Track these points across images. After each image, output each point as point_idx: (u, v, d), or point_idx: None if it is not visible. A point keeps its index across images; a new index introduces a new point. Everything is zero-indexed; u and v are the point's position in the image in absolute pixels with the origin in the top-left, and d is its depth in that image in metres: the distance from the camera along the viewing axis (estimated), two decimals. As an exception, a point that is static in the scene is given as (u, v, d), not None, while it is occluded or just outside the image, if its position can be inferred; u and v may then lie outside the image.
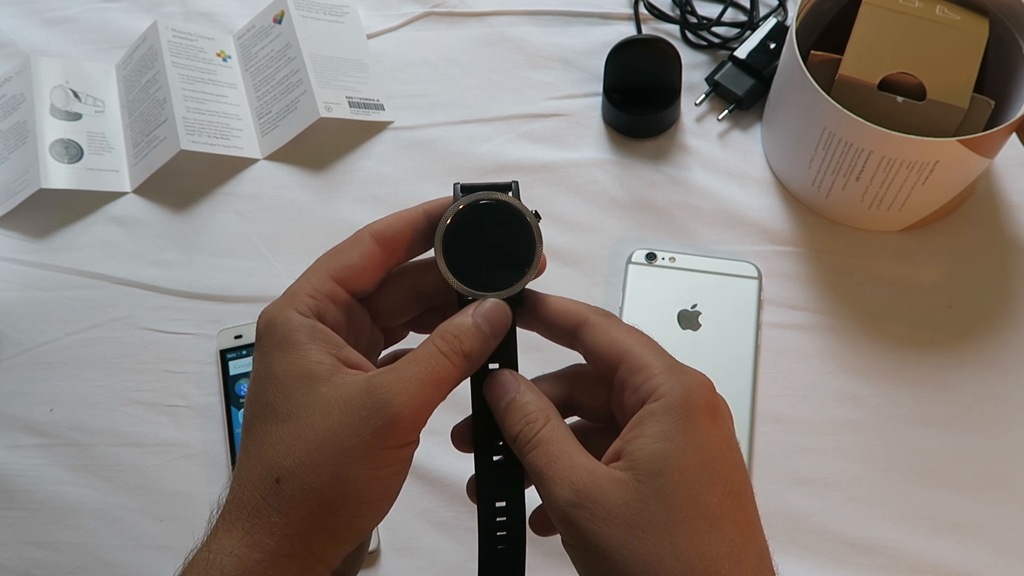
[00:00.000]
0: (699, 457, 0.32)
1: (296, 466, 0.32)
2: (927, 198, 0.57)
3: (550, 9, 0.71)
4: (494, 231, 0.36)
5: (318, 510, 0.31)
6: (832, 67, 0.56)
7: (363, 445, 0.32)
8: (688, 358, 0.58)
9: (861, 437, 0.54)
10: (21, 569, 0.53)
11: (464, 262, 0.35)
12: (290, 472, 0.32)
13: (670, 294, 0.58)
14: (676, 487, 0.31)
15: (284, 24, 0.69)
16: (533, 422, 0.34)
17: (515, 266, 0.36)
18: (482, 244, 0.35)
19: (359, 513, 0.32)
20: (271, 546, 0.31)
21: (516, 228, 0.36)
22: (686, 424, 0.32)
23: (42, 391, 0.58)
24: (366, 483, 0.32)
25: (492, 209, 0.36)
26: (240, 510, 0.32)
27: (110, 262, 0.62)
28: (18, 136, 0.65)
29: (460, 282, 0.35)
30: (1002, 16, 0.57)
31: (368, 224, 0.37)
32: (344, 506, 0.32)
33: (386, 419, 0.32)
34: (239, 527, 0.32)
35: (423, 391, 0.33)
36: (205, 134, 0.65)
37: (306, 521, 0.31)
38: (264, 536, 0.31)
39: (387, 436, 0.32)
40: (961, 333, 0.57)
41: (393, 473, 0.33)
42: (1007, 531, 0.51)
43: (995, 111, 0.56)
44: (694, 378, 0.34)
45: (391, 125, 0.67)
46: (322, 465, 0.31)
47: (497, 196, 0.35)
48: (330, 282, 0.35)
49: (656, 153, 0.64)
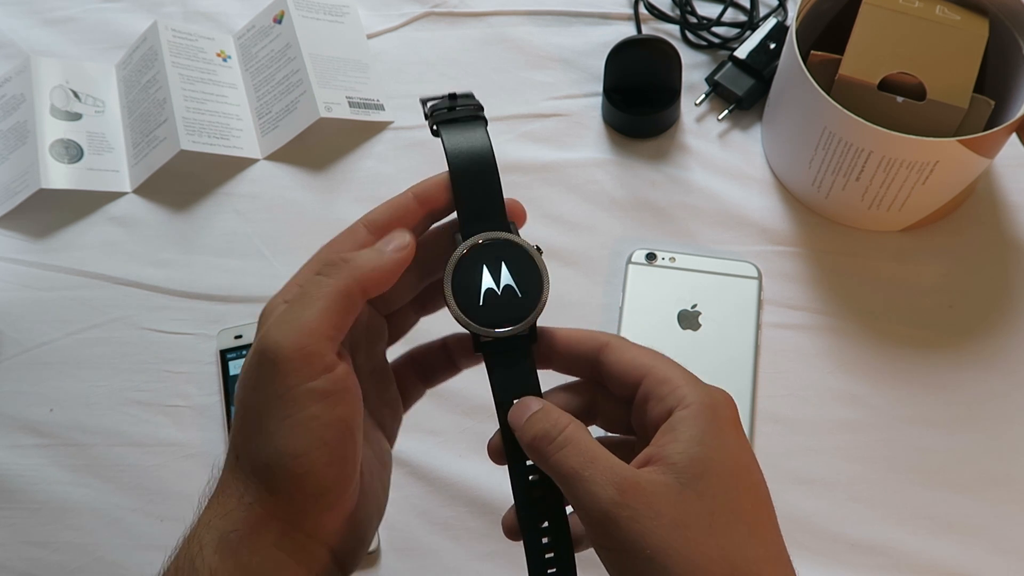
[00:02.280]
0: (733, 463, 0.32)
1: (243, 441, 0.32)
2: (927, 198, 0.57)
3: (550, 9, 0.71)
4: (501, 269, 0.36)
5: (264, 474, 0.32)
6: (832, 67, 0.56)
7: (267, 399, 0.31)
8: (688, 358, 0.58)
9: (861, 437, 0.54)
10: (21, 569, 0.53)
11: (474, 301, 0.36)
12: (242, 448, 0.33)
13: (670, 294, 0.58)
14: (717, 490, 0.31)
15: (284, 24, 0.69)
16: (556, 422, 0.33)
17: (524, 302, 0.36)
18: (490, 283, 0.36)
19: (301, 469, 0.31)
20: (241, 518, 0.32)
21: (522, 265, 0.36)
22: (718, 430, 0.33)
23: (42, 391, 0.58)
24: (289, 436, 0.31)
25: (498, 248, 0.36)
26: (220, 484, 0.33)
27: (110, 262, 0.62)
28: (18, 136, 0.65)
29: (471, 321, 0.35)
30: (1002, 16, 0.57)
31: (361, 216, 0.37)
32: (282, 466, 0.31)
33: (269, 361, 0.31)
34: (216, 502, 0.33)
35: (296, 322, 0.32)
36: (205, 134, 0.65)
37: (260, 485, 0.32)
38: (235, 508, 0.32)
39: (281, 379, 0.31)
40: (961, 333, 0.57)
41: (314, 416, 0.31)
42: (1007, 531, 0.51)
43: (995, 111, 0.56)
44: (718, 390, 0.35)
45: (391, 125, 0.67)
46: (253, 434, 0.32)
47: (502, 236, 0.36)
48: (349, 315, 0.34)
49: (656, 153, 0.64)
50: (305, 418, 0.31)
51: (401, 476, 0.54)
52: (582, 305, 0.59)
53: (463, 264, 0.36)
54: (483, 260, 0.36)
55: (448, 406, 0.56)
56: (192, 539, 0.32)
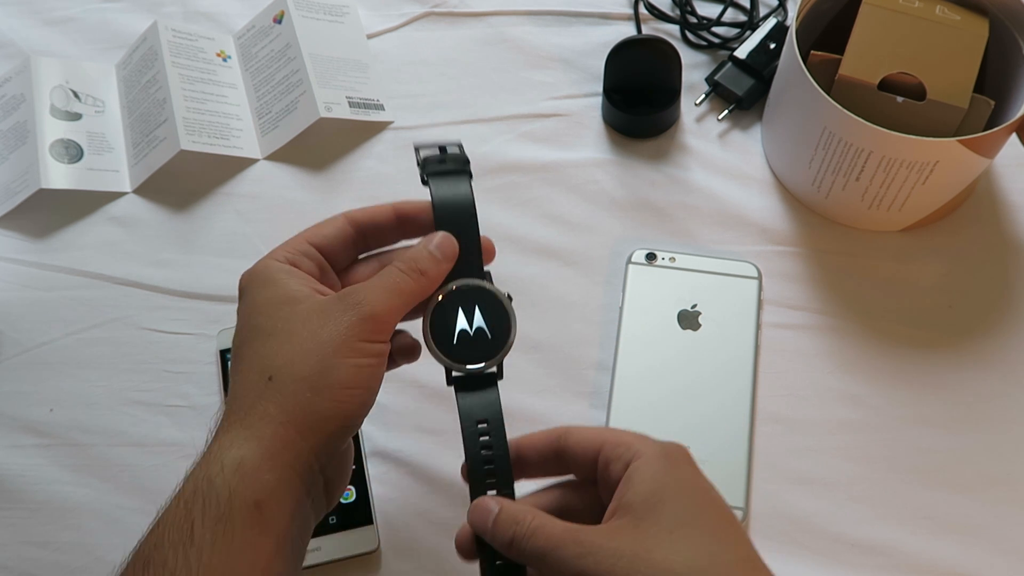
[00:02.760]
0: (689, 487, 0.36)
1: (285, 363, 0.37)
2: (927, 198, 0.57)
3: (550, 9, 0.71)
4: (474, 314, 0.41)
5: (307, 394, 0.36)
6: (832, 67, 0.56)
7: (341, 337, 0.37)
8: (688, 358, 0.58)
9: (861, 437, 0.54)
10: (21, 569, 0.53)
11: (449, 340, 0.41)
12: (280, 369, 0.37)
13: (670, 294, 0.58)
14: (674, 512, 0.35)
15: (284, 24, 0.69)
16: (521, 520, 0.36)
17: (493, 343, 0.41)
18: (464, 324, 0.41)
19: (343, 398, 0.37)
20: (267, 433, 0.36)
21: (494, 310, 0.41)
22: (671, 467, 0.36)
23: (42, 391, 0.58)
24: (347, 371, 0.37)
25: (473, 294, 0.41)
26: (236, 412, 0.37)
27: (110, 262, 0.62)
28: (18, 136, 0.65)
29: (445, 356, 0.41)
30: (1002, 16, 0.57)
31: (344, 211, 0.44)
32: (329, 390, 0.37)
33: (359, 315, 0.38)
34: (236, 426, 0.37)
35: (389, 296, 0.39)
36: (205, 134, 0.65)
37: (298, 405, 0.36)
38: (260, 426, 0.36)
39: (361, 329, 0.38)
40: (961, 333, 0.57)
41: (369, 365, 0.38)
42: (1007, 531, 0.51)
43: (995, 111, 0.56)
44: (671, 443, 0.38)
45: (391, 125, 0.67)
46: (309, 357, 0.37)
47: (477, 283, 0.41)
48: (304, 243, 0.42)
49: (656, 153, 0.64)
50: (363, 364, 0.38)
51: (401, 476, 0.54)
52: (582, 305, 0.59)
53: (441, 306, 0.41)
54: (459, 303, 0.41)
55: (448, 406, 0.56)
56: (209, 460, 0.36)
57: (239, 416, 0.37)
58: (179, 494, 0.36)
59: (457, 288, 0.41)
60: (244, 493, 0.35)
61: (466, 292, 0.41)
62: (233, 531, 0.34)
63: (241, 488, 0.35)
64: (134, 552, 0.36)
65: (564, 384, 0.56)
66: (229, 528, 0.34)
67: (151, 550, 0.35)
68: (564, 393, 0.56)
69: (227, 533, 0.34)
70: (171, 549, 0.34)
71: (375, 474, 0.54)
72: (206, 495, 0.35)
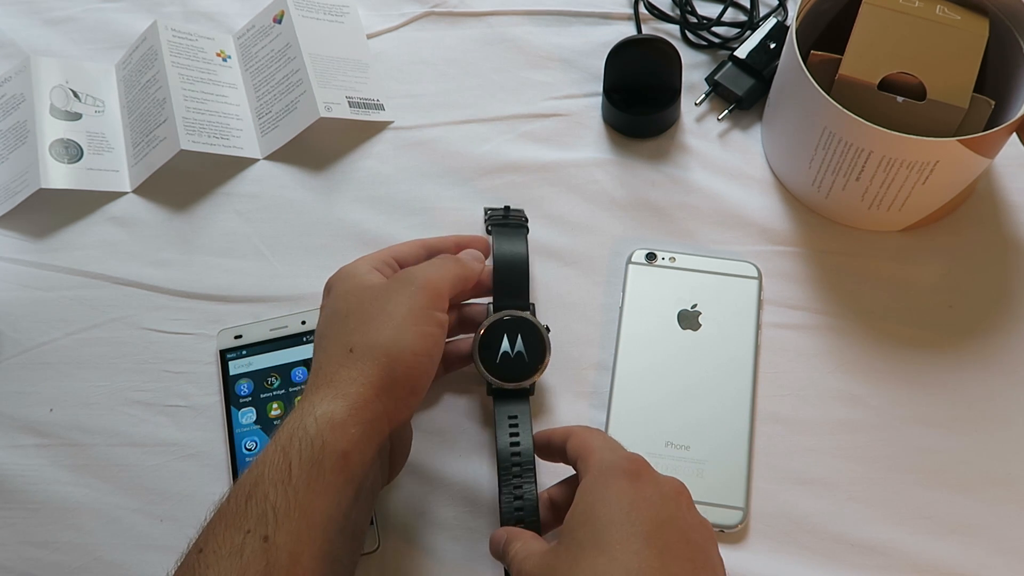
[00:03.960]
0: (606, 508, 0.38)
1: (363, 336, 0.43)
2: (927, 198, 0.57)
3: (550, 9, 0.71)
4: (516, 340, 0.51)
5: (384, 359, 0.42)
6: (832, 67, 0.56)
7: (407, 308, 0.44)
8: (688, 358, 0.58)
9: (861, 437, 0.54)
10: (21, 569, 0.53)
11: (493, 359, 0.51)
12: (359, 341, 0.43)
13: (670, 294, 0.58)
14: (581, 536, 0.38)
15: (284, 24, 0.69)
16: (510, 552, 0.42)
17: (529, 365, 0.51)
18: (507, 347, 0.51)
19: (412, 362, 0.43)
20: (352, 393, 0.41)
21: (533, 338, 0.51)
22: (605, 484, 0.40)
23: (42, 391, 0.58)
24: (416, 337, 0.44)
25: (517, 323, 0.51)
26: (323, 378, 0.43)
27: (110, 262, 0.62)
28: (18, 136, 0.65)
29: (490, 374, 0.50)
30: (1002, 16, 0.57)
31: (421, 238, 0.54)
32: (403, 356, 0.43)
33: (418, 287, 0.45)
34: (323, 388, 0.42)
35: (438, 271, 0.47)
36: (205, 134, 0.65)
37: (378, 368, 0.42)
38: (346, 387, 0.42)
39: (423, 298, 0.45)
40: (961, 333, 0.57)
41: (432, 333, 0.44)
42: (1007, 531, 0.51)
43: (995, 111, 0.56)
44: (627, 455, 0.42)
45: (391, 125, 0.67)
46: (383, 328, 0.43)
47: (522, 315, 0.51)
48: (387, 255, 0.50)
49: (656, 153, 0.64)
50: (427, 331, 0.44)
51: (401, 476, 0.54)
52: (582, 305, 0.59)
53: (490, 330, 0.51)
54: (505, 330, 0.51)
55: (448, 406, 0.56)
56: (303, 413, 0.41)
57: (325, 380, 0.42)
58: (275, 438, 0.41)
59: (505, 317, 0.51)
60: (334, 442, 0.40)
61: (512, 321, 0.51)
62: (323, 474, 0.39)
63: (331, 438, 0.40)
64: (234, 487, 0.40)
65: (564, 384, 0.56)
66: (320, 472, 0.39)
67: (252, 485, 0.39)
68: (564, 393, 0.56)
69: (319, 476, 0.39)
70: (271, 485, 0.39)
71: (375, 474, 0.54)
72: (302, 441, 0.40)
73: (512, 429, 0.49)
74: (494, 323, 0.51)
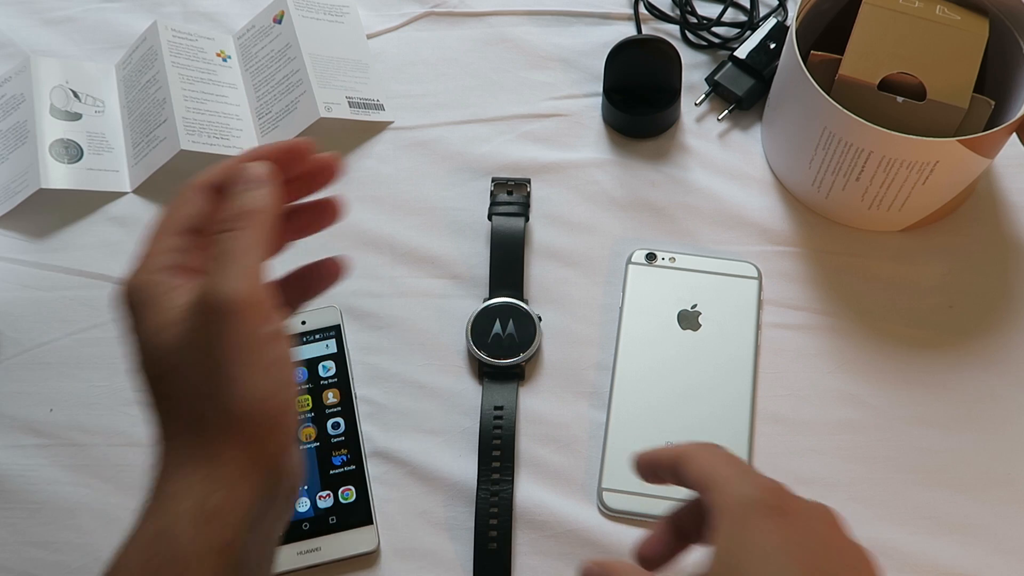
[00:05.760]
0: (751, 561, 0.33)
1: (198, 404, 0.32)
2: (927, 198, 0.57)
3: (550, 9, 0.71)
4: (508, 324, 0.55)
5: (240, 423, 0.31)
6: (832, 67, 0.56)
7: (222, 352, 0.31)
8: (688, 358, 0.58)
9: (861, 437, 0.54)
10: (21, 569, 0.53)
11: (484, 340, 0.55)
12: (200, 411, 0.32)
13: (670, 294, 0.58)
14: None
15: (284, 24, 0.69)
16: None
17: (518, 347, 0.55)
18: (498, 330, 0.55)
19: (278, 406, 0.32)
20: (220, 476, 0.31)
21: (524, 323, 0.55)
22: (749, 526, 0.33)
23: (42, 391, 0.58)
24: (260, 377, 0.32)
25: (509, 310, 0.55)
26: (167, 476, 0.32)
27: (110, 262, 0.62)
28: (18, 136, 0.65)
29: (480, 352, 0.54)
30: (1002, 16, 0.57)
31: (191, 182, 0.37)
32: (256, 406, 0.31)
33: (222, 315, 0.31)
34: (186, 467, 0.32)
35: (242, 271, 0.32)
36: (205, 134, 0.65)
37: (238, 437, 0.31)
38: (202, 480, 0.31)
39: (234, 329, 0.31)
40: (961, 333, 0.57)
41: (273, 358, 0.32)
42: (1007, 531, 0.51)
43: (995, 111, 0.56)
44: (764, 485, 0.35)
45: (391, 125, 0.67)
46: (215, 392, 0.31)
47: (513, 302, 0.55)
48: (174, 237, 0.36)
49: (656, 153, 0.64)
50: (268, 361, 0.32)
51: (401, 476, 0.54)
52: (582, 305, 0.59)
53: (483, 313, 0.55)
54: (497, 315, 0.55)
55: (448, 406, 0.56)
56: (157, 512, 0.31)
57: (172, 476, 0.32)
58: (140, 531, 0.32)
59: (497, 303, 0.55)
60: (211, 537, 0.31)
61: (504, 307, 0.55)
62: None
63: (199, 539, 0.31)
64: None
65: (564, 384, 0.56)
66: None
67: None
68: (564, 393, 0.56)
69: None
70: None
71: (375, 474, 0.54)
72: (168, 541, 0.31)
73: (496, 420, 0.52)
74: (487, 308, 0.55)
